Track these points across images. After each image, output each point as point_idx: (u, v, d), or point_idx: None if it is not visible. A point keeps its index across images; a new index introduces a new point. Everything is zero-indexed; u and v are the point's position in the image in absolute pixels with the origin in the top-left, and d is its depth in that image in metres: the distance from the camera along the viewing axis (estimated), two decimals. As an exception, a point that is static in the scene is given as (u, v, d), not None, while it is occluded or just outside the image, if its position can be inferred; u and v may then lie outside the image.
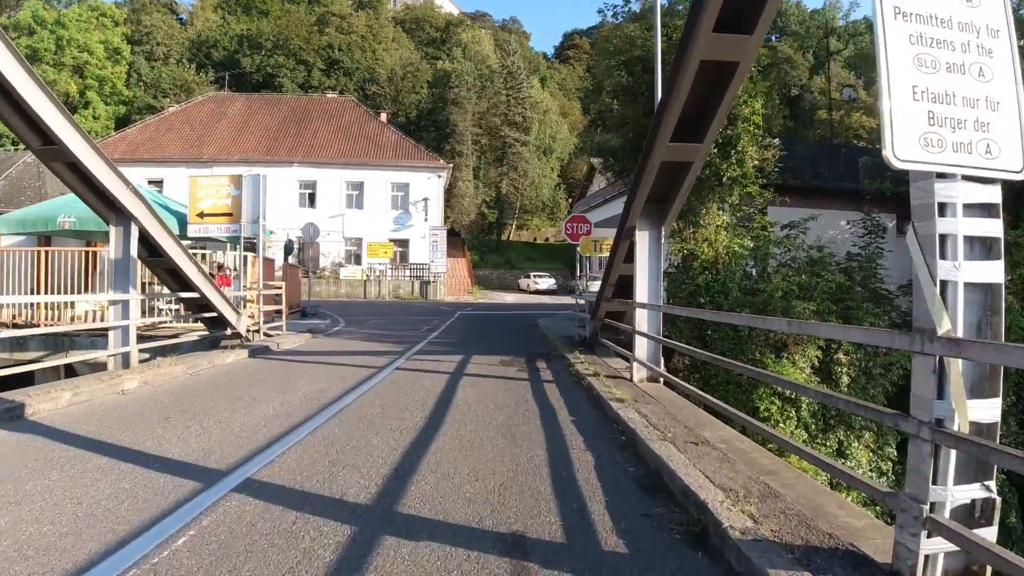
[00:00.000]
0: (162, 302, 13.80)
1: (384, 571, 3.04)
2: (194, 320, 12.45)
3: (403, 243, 40.78)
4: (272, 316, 14.97)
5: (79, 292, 13.04)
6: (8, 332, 10.27)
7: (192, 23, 73.47)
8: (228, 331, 12.00)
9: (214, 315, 11.55)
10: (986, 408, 2.77)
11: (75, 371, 10.93)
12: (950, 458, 2.73)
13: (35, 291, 12.85)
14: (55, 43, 52.54)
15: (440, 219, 41.19)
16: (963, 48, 2.84)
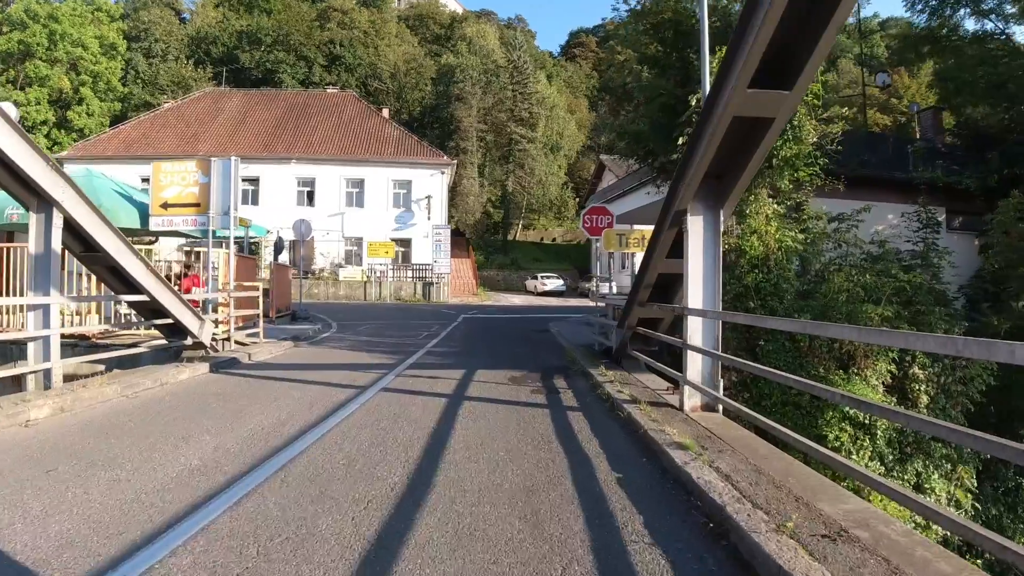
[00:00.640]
0: (125, 305, 11.98)
1: None
2: (149, 327, 10.62)
3: (405, 243, 38.96)
4: (250, 322, 13.14)
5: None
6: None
7: (193, 21, 71.97)
8: (189, 340, 10.16)
9: (169, 322, 9.72)
10: None
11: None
12: None
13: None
14: (47, 38, 50.89)
15: (444, 218, 39.33)
16: None
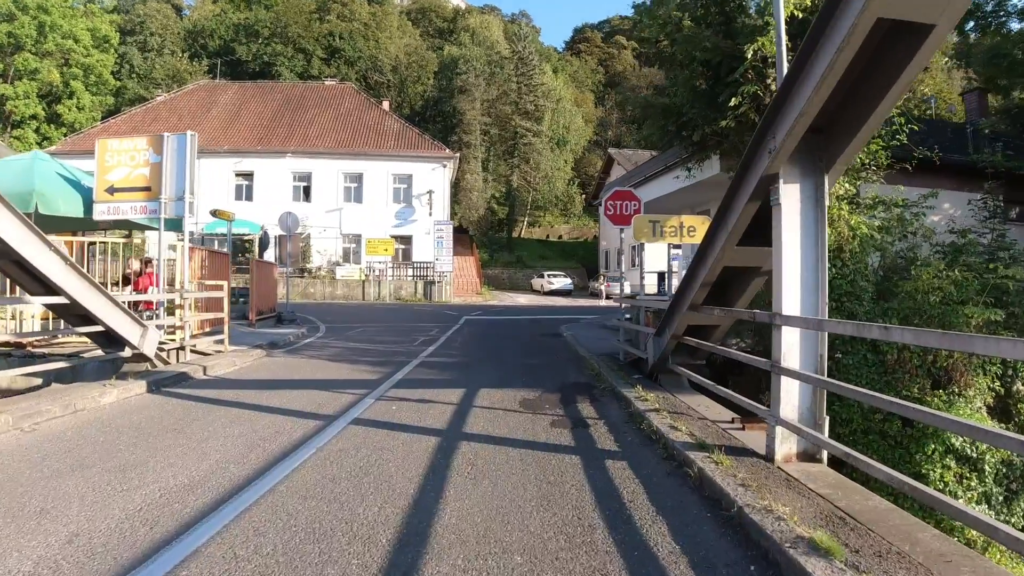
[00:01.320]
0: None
1: None
2: (80, 335, 8.74)
3: (406, 240, 37.05)
4: (218, 326, 11.25)
5: None
6: None
7: (191, 15, 70.31)
8: (127, 352, 8.28)
9: (100, 329, 7.84)
10: None
11: None
12: None
13: None
14: (36, 30, 49.11)
15: (446, 213, 37.38)
16: None
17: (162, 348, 9.21)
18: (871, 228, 8.42)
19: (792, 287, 4.49)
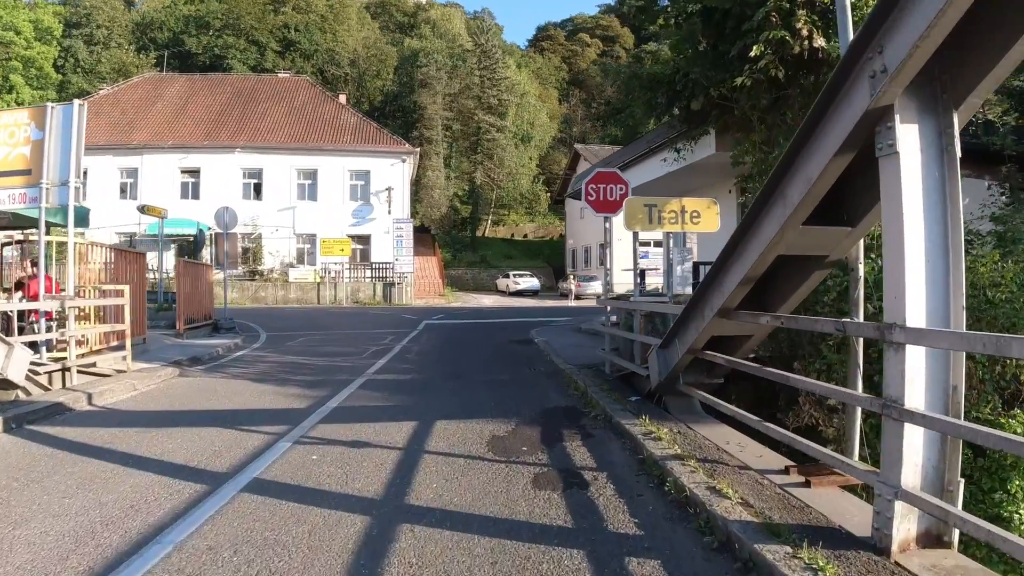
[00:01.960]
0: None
1: None
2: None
3: (364, 239, 34.96)
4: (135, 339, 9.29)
5: None
6: None
7: (141, 7, 66.78)
8: (-23, 378, 6.33)
9: (-71, 350, 5.90)
10: None
11: None
12: None
13: None
14: (-30, 20, 45.65)
15: (406, 211, 35.38)
16: None
17: (35, 372, 7.26)
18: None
19: (916, 283, 2.87)
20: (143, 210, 14.44)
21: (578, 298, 32.65)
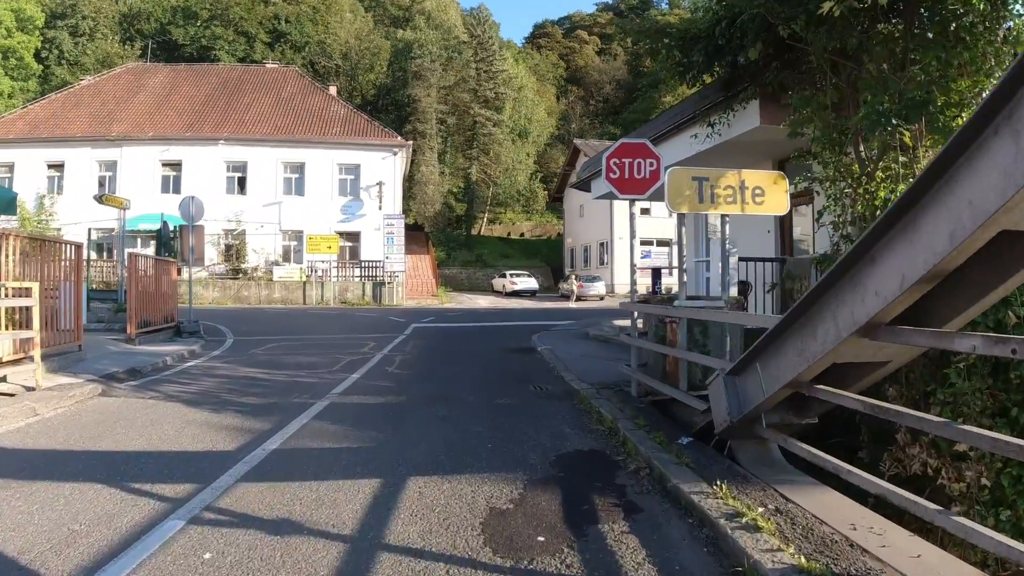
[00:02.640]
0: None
1: None
2: None
3: (353, 236, 33.19)
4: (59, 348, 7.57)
5: None
6: None
7: (127, -1, 64.80)
8: None
9: None
10: None
11: None
12: None
13: None
14: (-52, 9, 43.64)
15: (398, 207, 33.62)
16: None
17: None
18: None
19: None
20: (101, 200, 12.75)
21: (580, 299, 30.86)
